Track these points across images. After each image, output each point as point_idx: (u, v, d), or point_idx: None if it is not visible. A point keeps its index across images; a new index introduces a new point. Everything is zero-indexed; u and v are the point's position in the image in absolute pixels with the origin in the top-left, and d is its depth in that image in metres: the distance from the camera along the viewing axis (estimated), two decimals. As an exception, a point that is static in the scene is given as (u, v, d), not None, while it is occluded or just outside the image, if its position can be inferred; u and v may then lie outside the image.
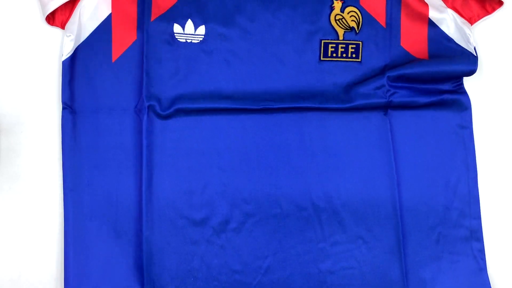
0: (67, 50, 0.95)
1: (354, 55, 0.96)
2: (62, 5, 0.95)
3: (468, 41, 0.95)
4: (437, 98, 0.95)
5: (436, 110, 0.95)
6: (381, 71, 0.95)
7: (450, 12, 0.95)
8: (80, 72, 0.96)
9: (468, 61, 0.94)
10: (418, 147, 0.94)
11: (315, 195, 0.94)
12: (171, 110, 0.95)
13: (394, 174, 0.93)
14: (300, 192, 0.94)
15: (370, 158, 0.94)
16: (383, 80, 0.95)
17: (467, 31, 0.95)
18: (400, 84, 0.95)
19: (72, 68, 0.96)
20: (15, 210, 0.97)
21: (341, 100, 0.95)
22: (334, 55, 0.96)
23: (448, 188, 0.94)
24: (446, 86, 0.96)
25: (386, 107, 0.95)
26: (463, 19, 0.96)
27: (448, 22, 0.96)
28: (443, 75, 0.94)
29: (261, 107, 0.95)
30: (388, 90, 0.95)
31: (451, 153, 0.94)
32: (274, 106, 0.95)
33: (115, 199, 0.94)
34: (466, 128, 0.95)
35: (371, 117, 0.94)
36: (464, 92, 0.96)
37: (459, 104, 0.95)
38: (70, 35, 0.95)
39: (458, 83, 0.96)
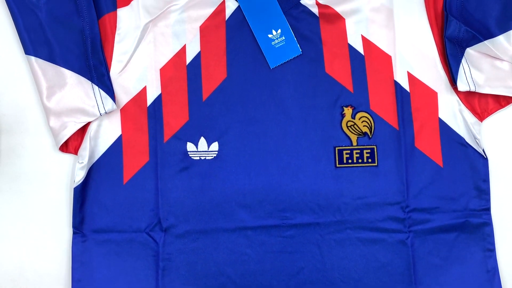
0: (79, 177, 0.94)
1: (370, 160, 0.95)
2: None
3: (478, 145, 0.95)
4: (461, 220, 0.95)
5: (460, 234, 0.95)
6: (400, 181, 0.95)
7: (461, 112, 0.95)
8: (91, 196, 0.95)
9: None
10: (440, 273, 0.93)
11: None
12: (188, 230, 0.94)
13: None
14: None
15: (391, 285, 0.93)
16: (403, 195, 0.94)
17: (477, 135, 0.95)
18: (421, 201, 0.95)
19: (83, 193, 0.95)
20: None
21: (361, 219, 0.94)
22: (350, 161, 0.95)
23: None
24: (471, 205, 0.95)
25: (407, 231, 0.94)
26: (473, 117, 0.95)
27: (459, 122, 0.96)
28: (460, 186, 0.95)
29: (279, 222, 0.94)
30: (407, 206, 0.95)
31: (474, 279, 0.94)
32: (293, 222, 0.94)
33: None
34: (491, 251, 0.94)
35: (392, 241, 0.94)
36: (489, 214, 0.95)
37: (484, 227, 0.95)
38: (82, 162, 0.94)
39: (485, 206, 0.95)
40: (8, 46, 0.99)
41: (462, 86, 0.93)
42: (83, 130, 0.95)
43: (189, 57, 0.96)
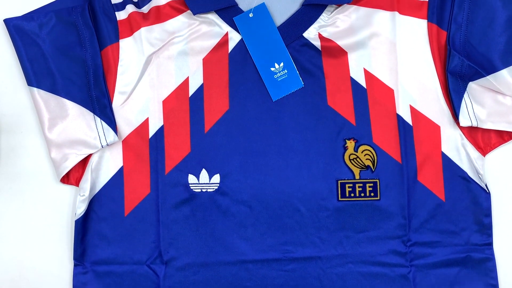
0: (80, 210, 0.94)
1: (372, 194, 0.95)
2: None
3: (481, 179, 0.95)
4: (463, 255, 0.94)
5: (462, 269, 0.94)
6: (402, 215, 0.94)
7: (464, 146, 0.95)
8: (92, 228, 0.95)
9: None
10: None
11: None
12: (189, 263, 0.94)
13: None
14: None
15: None
16: (405, 229, 0.94)
17: (479, 170, 0.95)
18: (423, 235, 0.94)
19: (84, 225, 0.95)
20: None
21: (363, 253, 0.94)
22: (352, 195, 0.95)
23: None
24: (473, 239, 0.95)
25: (409, 266, 0.94)
26: (476, 152, 0.95)
27: (462, 156, 0.95)
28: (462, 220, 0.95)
29: (280, 256, 0.94)
30: (409, 240, 0.94)
31: None
32: (294, 255, 0.94)
33: None
34: (494, 286, 0.94)
35: (394, 275, 0.94)
36: (491, 249, 0.95)
37: (486, 262, 0.94)
38: (83, 195, 0.93)
39: (487, 241, 0.95)
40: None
41: (464, 121, 0.93)
42: (84, 161, 0.95)
43: (191, 89, 0.96)
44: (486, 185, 0.95)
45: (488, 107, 0.94)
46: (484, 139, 0.96)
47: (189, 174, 0.95)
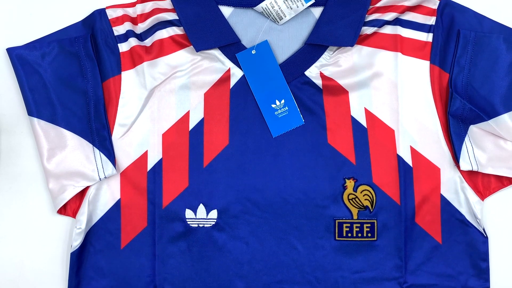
0: (76, 243, 0.93)
1: (369, 234, 0.94)
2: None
3: (479, 224, 0.95)
4: None
5: None
6: (399, 256, 0.94)
7: (463, 190, 0.95)
8: (88, 260, 0.94)
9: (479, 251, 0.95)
10: None
11: None
12: (185, 297, 0.93)
13: None
14: None
15: None
16: (401, 270, 0.94)
17: (478, 214, 0.94)
18: (419, 277, 0.94)
19: (80, 257, 0.94)
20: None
21: None
22: (349, 235, 0.94)
23: None
24: (470, 283, 0.94)
25: None
26: (475, 196, 0.95)
27: (460, 199, 0.95)
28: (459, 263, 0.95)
29: None
30: (405, 282, 0.94)
31: None
32: (290, 295, 0.94)
33: None
34: None
35: None
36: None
37: None
38: (80, 228, 0.93)
39: (484, 286, 0.95)
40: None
41: (464, 165, 0.93)
42: (82, 193, 0.94)
43: (192, 123, 0.96)
44: (483, 229, 0.95)
45: (489, 151, 0.94)
46: (483, 183, 0.95)
47: (187, 209, 0.94)
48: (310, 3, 0.94)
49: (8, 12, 0.99)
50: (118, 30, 0.95)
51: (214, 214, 0.95)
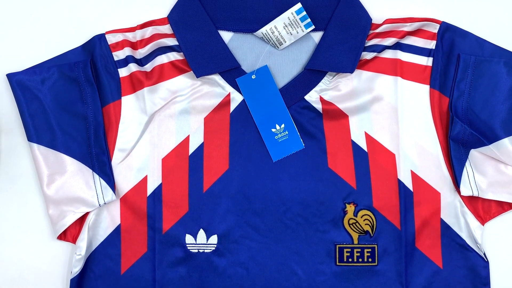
0: (76, 269, 0.93)
1: (370, 259, 0.94)
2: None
3: (479, 248, 0.94)
4: None
5: None
6: (400, 281, 0.94)
7: (463, 214, 0.95)
8: (88, 286, 0.94)
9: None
10: None
11: None
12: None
13: None
14: None
15: None
16: None
17: (478, 239, 0.94)
18: None
19: (80, 283, 0.94)
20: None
21: None
22: (350, 259, 0.94)
23: None
24: None
25: None
26: (476, 221, 0.94)
27: (461, 224, 0.95)
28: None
29: None
30: None
31: None
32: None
33: None
34: None
35: None
36: None
37: None
38: (79, 254, 0.93)
39: None
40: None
41: (465, 190, 0.93)
42: (81, 218, 0.94)
43: (191, 148, 0.95)
44: (484, 254, 0.95)
45: (490, 176, 0.93)
46: (484, 208, 0.95)
47: (187, 234, 0.94)
48: (310, 29, 0.94)
49: (9, 37, 0.99)
50: (118, 55, 0.95)
51: (214, 239, 0.94)
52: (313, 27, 0.94)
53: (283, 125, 0.95)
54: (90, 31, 0.97)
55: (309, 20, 0.94)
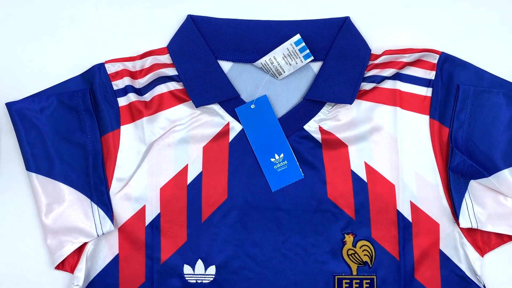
0: (74, 300, 0.93)
1: (369, 291, 0.94)
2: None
3: (479, 280, 0.94)
4: None
5: None
6: None
7: (462, 246, 0.94)
8: None
9: None
10: None
11: None
12: None
13: None
14: None
15: None
16: None
17: (477, 271, 0.93)
18: None
19: (79, 313, 0.94)
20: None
21: None
22: (349, 291, 0.94)
23: None
24: None
25: None
26: (475, 253, 0.94)
27: (460, 255, 0.94)
28: None
29: None
30: None
31: None
32: None
33: None
34: None
35: None
36: None
37: None
38: (77, 285, 0.92)
39: None
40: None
41: (464, 222, 0.92)
42: (80, 248, 0.94)
43: (190, 177, 0.95)
44: (484, 286, 0.94)
45: (489, 208, 0.93)
46: (483, 239, 0.94)
47: (185, 264, 0.94)
48: (309, 60, 0.94)
49: (8, 65, 0.99)
50: (117, 84, 0.95)
51: (212, 270, 0.94)
52: (312, 58, 0.94)
53: (282, 155, 0.95)
54: (89, 60, 0.97)
55: (308, 51, 0.94)
